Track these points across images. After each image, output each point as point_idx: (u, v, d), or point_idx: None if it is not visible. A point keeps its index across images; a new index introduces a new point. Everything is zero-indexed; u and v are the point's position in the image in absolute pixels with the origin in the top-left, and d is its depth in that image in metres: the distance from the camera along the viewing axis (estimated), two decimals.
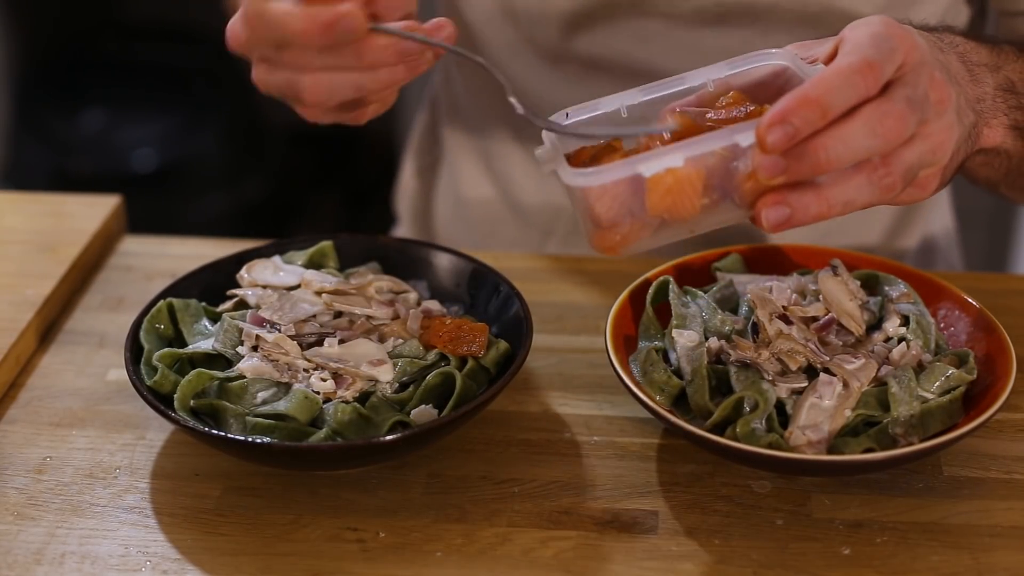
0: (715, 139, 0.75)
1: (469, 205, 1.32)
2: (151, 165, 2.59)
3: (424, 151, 1.42)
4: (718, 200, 0.77)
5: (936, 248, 1.32)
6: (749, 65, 0.82)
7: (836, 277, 0.91)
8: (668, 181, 0.75)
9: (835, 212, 0.75)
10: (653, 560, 0.80)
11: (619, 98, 0.83)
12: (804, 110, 0.72)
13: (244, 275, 0.96)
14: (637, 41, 1.15)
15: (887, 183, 0.75)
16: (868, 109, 0.73)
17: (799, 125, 0.72)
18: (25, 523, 0.83)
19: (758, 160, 0.73)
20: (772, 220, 0.75)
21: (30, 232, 1.13)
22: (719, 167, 0.76)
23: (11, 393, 0.95)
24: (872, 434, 0.83)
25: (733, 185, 0.76)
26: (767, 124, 0.72)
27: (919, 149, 0.76)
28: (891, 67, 0.74)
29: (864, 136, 0.73)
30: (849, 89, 0.73)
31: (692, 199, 0.76)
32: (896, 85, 0.75)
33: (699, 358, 0.86)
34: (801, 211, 0.74)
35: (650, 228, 0.78)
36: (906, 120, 0.74)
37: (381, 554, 0.81)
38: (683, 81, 0.82)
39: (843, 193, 0.75)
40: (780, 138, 0.72)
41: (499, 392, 0.85)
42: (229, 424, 0.85)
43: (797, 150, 0.73)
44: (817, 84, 0.72)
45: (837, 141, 0.73)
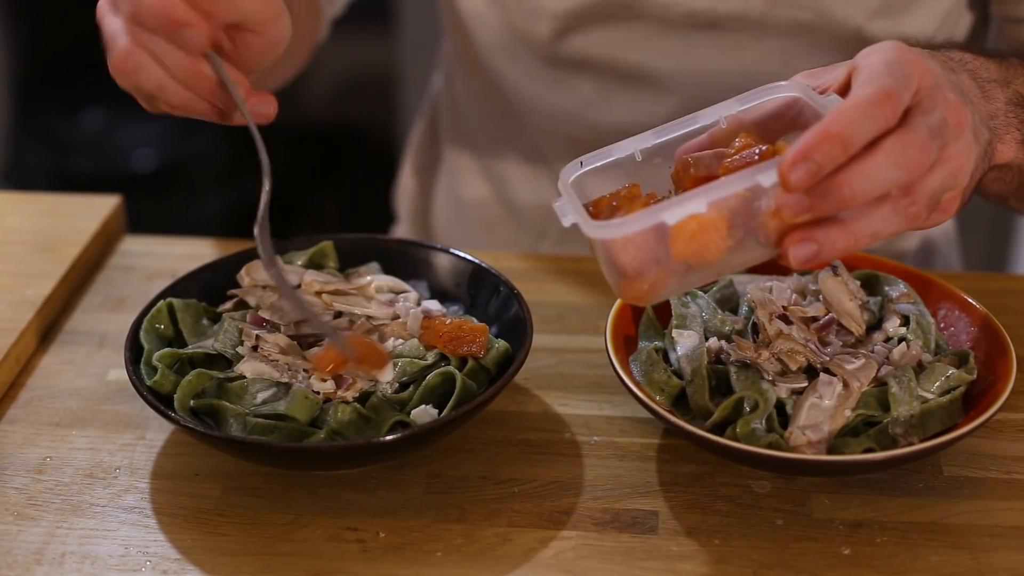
0: (737, 182, 0.75)
1: (466, 205, 1.32)
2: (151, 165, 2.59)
3: (424, 151, 1.43)
4: (743, 240, 0.76)
5: (935, 249, 1.32)
6: (760, 99, 0.81)
7: (836, 277, 0.91)
8: (692, 227, 0.75)
9: (863, 244, 0.74)
10: (653, 560, 0.80)
11: (632, 143, 0.82)
12: (826, 146, 0.71)
13: (244, 275, 0.96)
14: (630, 43, 1.15)
15: (912, 212, 0.75)
16: (890, 142, 0.73)
17: (821, 161, 0.71)
18: (25, 523, 0.83)
19: (782, 199, 0.73)
20: (800, 257, 0.74)
21: (30, 232, 1.13)
22: (742, 208, 0.75)
23: (11, 393, 0.95)
24: (872, 434, 0.83)
25: (757, 224, 0.75)
26: (790, 163, 0.71)
27: (941, 174, 0.76)
28: (908, 94, 0.74)
29: (888, 169, 0.72)
30: (869, 122, 0.72)
31: (717, 242, 0.76)
32: (914, 113, 0.74)
33: (699, 358, 0.86)
34: (828, 246, 0.74)
35: (677, 274, 0.77)
36: (928, 149, 0.73)
37: (381, 554, 0.81)
38: (695, 120, 0.82)
39: (869, 226, 0.74)
40: (803, 176, 0.71)
41: (499, 392, 0.85)
42: (229, 424, 0.85)
43: (821, 187, 0.72)
44: (837, 119, 0.72)
45: (861, 176, 0.72)
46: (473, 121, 1.31)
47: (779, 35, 1.11)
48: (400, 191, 1.46)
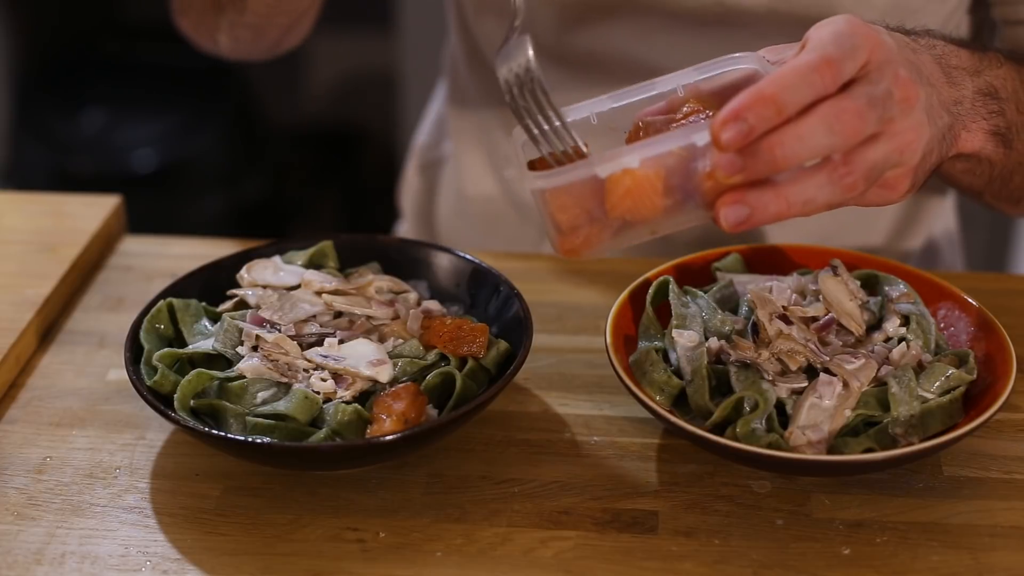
0: (671, 139, 0.75)
1: (471, 202, 1.32)
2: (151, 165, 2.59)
3: (429, 148, 1.43)
4: (680, 201, 0.77)
5: (939, 250, 1.32)
6: (719, 70, 0.81)
7: (836, 277, 0.91)
8: (627, 182, 0.75)
9: (795, 211, 0.74)
10: (653, 560, 0.80)
11: (589, 105, 0.82)
12: (759, 107, 0.71)
13: (244, 275, 0.96)
14: (636, 38, 1.15)
15: (848, 182, 0.75)
16: (825, 106, 0.72)
17: (753, 122, 0.71)
18: (25, 523, 0.83)
19: (715, 159, 0.73)
20: (731, 219, 0.74)
21: (30, 232, 1.13)
22: (678, 168, 0.76)
23: (11, 393, 0.95)
24: (872, 434, 0.83)
25: (694, 185, 0.76)
26: (721, 121, 0.71)
27: (884, 148, 0.75)
28: (852, 64, 0.73)
29: (821, 133, 0.72)
30: (805, 86, 0.72)
31: (652, 200, 0.76)
32: (857, 83, 0.74)
33: (699, 358, 0.86)
34: (760, 210, 0.74)
35: (611, 230, 0.77)
36: (864, 117, 0.73)
37: (381, 554, 0.81)
38: (653, 87, 0.82)
39: (802, 192, 0.74)
40: (734, 135, 0.71)
41: (499, 392, 0.85)
42: (229, 424, 0.85)
43: (753, 148, 0.72)
44: (773, 81, 0.72)
45: (793, 138, 0.72)
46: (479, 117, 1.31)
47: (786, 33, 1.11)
48: (404, 189, 1.46)
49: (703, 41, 1.13)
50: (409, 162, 1.46)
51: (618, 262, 1.11)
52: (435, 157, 1.42)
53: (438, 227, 1.39)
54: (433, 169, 1.42)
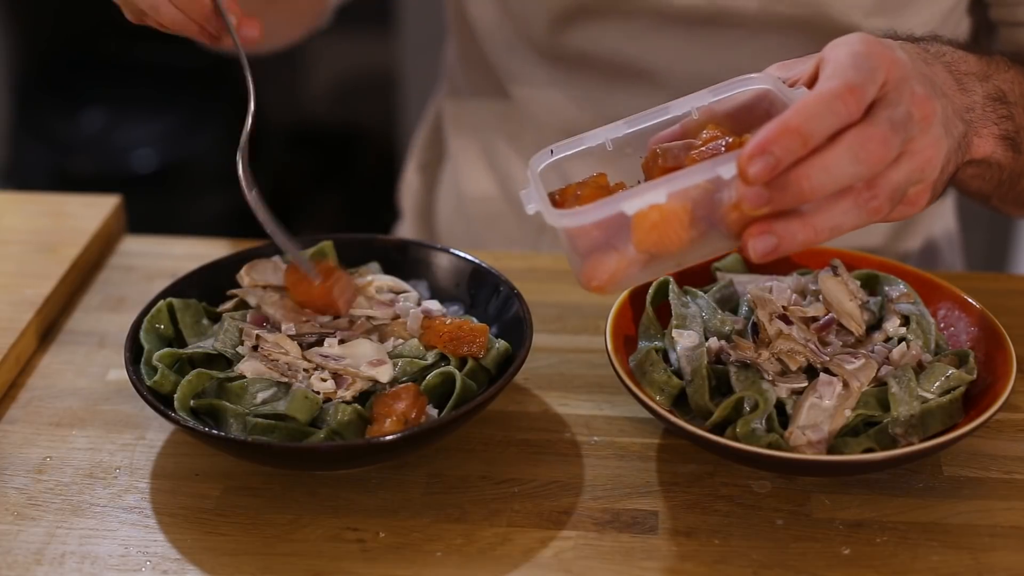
0: (697, 173, 0.75)
1: (469, 201, 1.32)
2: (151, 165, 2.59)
3: (428, 148, 1.43)
4: (705, 231, 0.76)
5: (938, 250, 1.32)
6: (732, 91, 0.81)
7: (836, 277, 0.91)
8: (653, 217, 0.75)
9: (823, 238, 0.74)
10: (653, 560, 0.80)
11: (604, 132, 0.82)
12: (785, 139, 0.71)
13: (244, 275, 0.96)
14: (628, 38, 1.15)
15: (874, 206, 0.75)
16: (850, 136, 0.72)
17: (780, 155, 0.71)
18: (25, 523, 0.83)
19: (741, 191, 0.73)
20: (759, 250, 0.74)
21: (30, 232, 1.13)
22: (703, 199, 0.75)
23: (11, 393, 0.95)
24: (872, 434, 0.83)
25: (719, 216, 0.75)
26: (748, 155, 0.71)
27: (906, 168, 0.75)
28: (873, 88, 0.73)
29: (847, 163, 0.72)
30: (830, 116, 0.72)
31: (679, 233, 0.76)
32: (878, 107, 0.74)
33: (699, 358, 0.86)
34: (788, 239, 0.74)
35: (638, 264, 0.77)
36: (889, 144, 0.73)
37: (381, 554, 0.81)
38: (667, 111, 0.82)
39: (830, 219, 0.74)
40: (761, 169, 0.71)
41: (499, 392, 0.85)
42: (229, 424, 0.85)
43: (780, 180, 0.72)
44: (798, 112, 0.71)
45: (820, 170, 0.72)
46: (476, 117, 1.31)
47: (776, 32, 1.11)
48: (404, 188, 1.46)
49: (695, 41, 1.13)
50: (409, 161, 1.47)
51: None
52: (434, 156, 1.42)
53: (437, 226, 1.39)
54: (432, 168, 1.42)
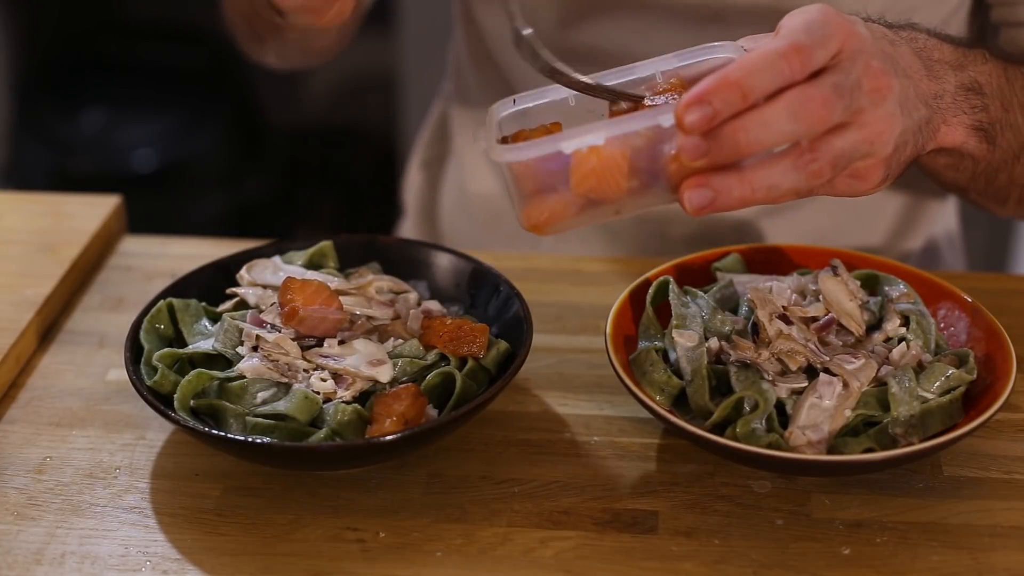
0: (637, 120, 0.76)
1: (473, 198, 1.33)
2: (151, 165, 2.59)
3: (432, 144, 1.43)
4: (646, 183, 0.77)
5: (940, 251, 1.32)
6: (698, 58, 0.82)
7: (836, 277, 0.91)
8: (592, 161, 0.76)
9: (759, 196, 0.74)
10: (653, 560, 0.80)
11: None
12: (724, 91, 0.71)
13: (244, 275, 0.96)
14: (637, 35, 1.15)
15: (813, 169, 0.74)
16: (791, 93, 0.72)
17: (718, 106, 0.71)
18: (25, 523, 0.83)
19: (680, 142, 0.73)
20: (695, 203, 0.74)
21: (30, 232, 1.13)
22: (645, 149, 0.76)
23: (11, 393, 0.95)
24: (872, 434, 0.83)
25: (660, 168, 0.76)
26: (685, 104, 0.71)
27: (852, 138, 0.75)
28: (823, 53, 0.73)
29: (785, 120, 0.72)
30: (772, 72, 0.72)
31: (617, 180, 0.76)
32: (827, 72, 0.74)
33: (699, 358, 0.86)
34: (724, 194, 0.74)
35: (576, 207, 0.78)
36: (830, 105, 0.73)
37: (381, 554, 0.81)
38: (632, 71, 0.82)
39: (767, 177, 0.74)
40: (698, 119, 0.71)
41: (499, 392, 0.85)
42: (229, 424, 0.85)
43: (717, 132, 0.72)
44: (739, 66, 0.72)
45: (756, 124, 0.72)
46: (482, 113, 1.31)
47: None
48: (408, 185, 1.46)
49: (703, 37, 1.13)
50: (412, 158, 1.47)
51: (618, 262, 1.11)
52: (438, 153, 1.42)
53: (440, 223, 1.39)
54: (436, 165, 1.42)
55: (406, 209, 1.46)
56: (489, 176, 1.31)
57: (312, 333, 0.89)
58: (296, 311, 0.88)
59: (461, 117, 1.34)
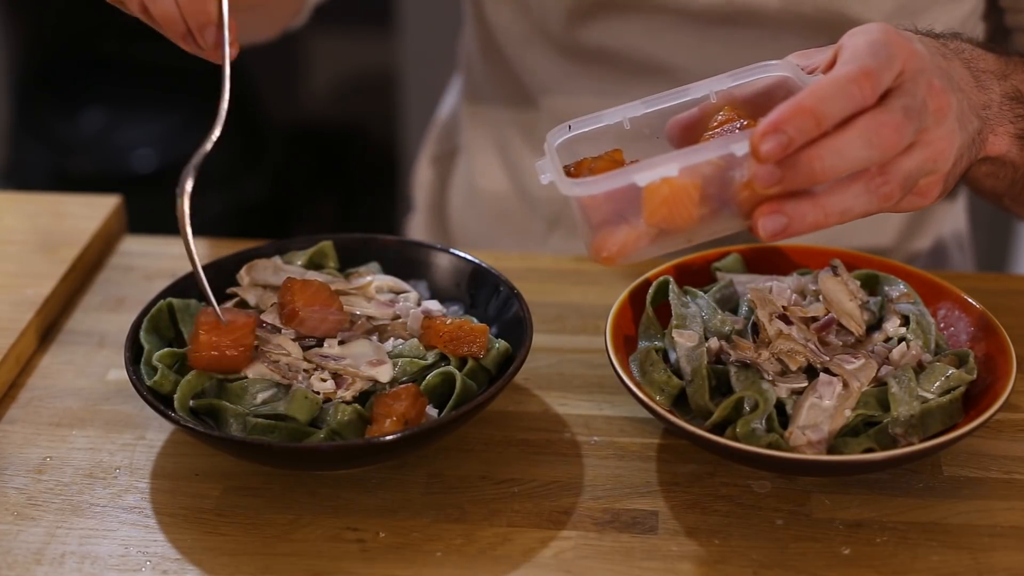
0: (710, 149, 0.75)
1: (482, 195, 1.33)
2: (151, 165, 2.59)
3: (442, 141, 1.43)
4: (716, 210, 0.77)
5: (948, 251, 1.31)
6: (751, 77, 0.82)
7: (836, 277, 0.91)
8: (664, 191, 0.76)
9: (832, 221, 0.75)
10: (653, 560, 0.80)
11: (622, 111, 0.82)
12: (798, 119, 0.71)
13: (244, 275, 0.96)
14: (646, 35, 1.15)
15: (885, 192, 0.75)
16: (864, 119, 0.73)
17: (793, 135, 0.71)
18: (25, 523, 0.83)
19: (753, 170, 0.73)
20: (769, 229, 0.74)
21: (30, 232, 1.13)
22: (715, 177, 0.76)
23: (11, 393, 0.95)
24: (872, 434, 0.83)
25: (730, 195, 0.76)
26: (761, 133, 0.72)
27: (918, 158, 0.76)
28: (889, 75, 0.74)
29: (859, 147, 0.73)
30: (845, 99, 0.72)
31: (689, 209, 0.76)
32: (894, 94, 0.74)
33: (699, 358, 0.86)
34: (798, 220, 0.74)
35: (648, 238, 0.77)
36: (902, 131, 0.74)
37: (381, 554, 0.81)
38: (686, 93, 0.82)
39: (840, 202, 0.75)
40: (774, 148, 0.71)
41: (499, 392, 0.85)
42: (229, 424, 0.85)
43: (791, 160, 0.72)
44: (812, 93, 0.72)
45: (831, 152, 0.72)
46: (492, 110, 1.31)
47: (795, 34, 1.11)
48: (417, 181, 1.46)
49: (713, 39, 1.13)
50: (421, 154, 1.47)
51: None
52: (448, 149, 1.42)
53: (449, 220, 1.39)
54: (445, 161, 1.42)
55: (415, 205, 1.46)
56: (498, 173, 1.31)
57: (312, 334, 0.89)
58: (296, 312, 0.88)
59: (471, 113, 1.34)
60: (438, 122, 1.45)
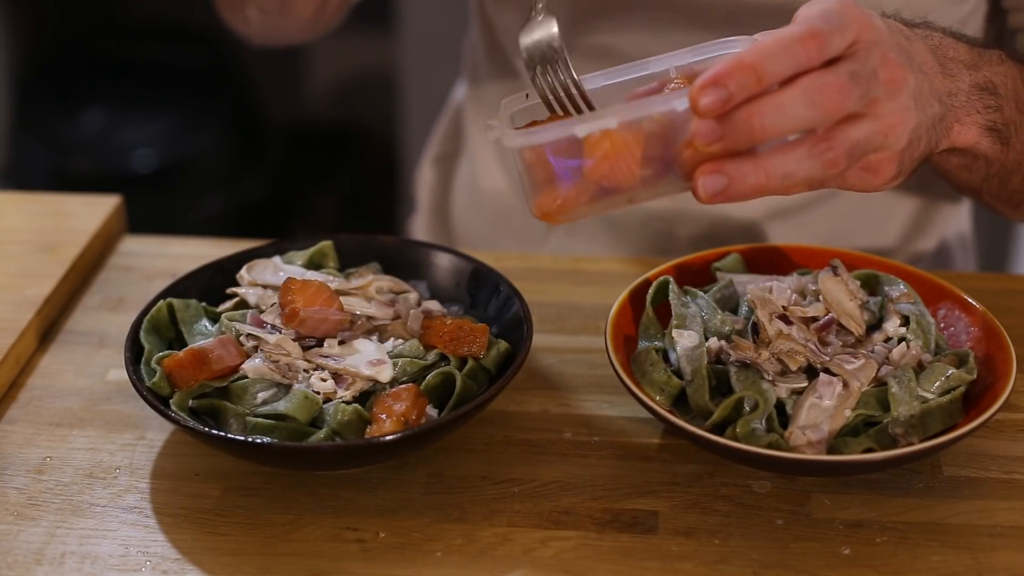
0: (652, 104, 0.75)
1: (484, 194, 1.33)
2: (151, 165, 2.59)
3: (446, 140, 1.43)
4: (659, 171, 0.77)
5: (952, 252, 1.31)
6: (713, 53, 0.81)
7: (836, 277, 0.91)
8: (605, 146, 0.75)
9: (774, 184, 0.74)
10: (653, 560, 0.80)
11: (582, 82, 0.82)
12: (739, 74, 0.70)
13: (244, 275, 0.96)
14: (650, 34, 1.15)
15: (829, 158, 0.74)
16: (807, 79, 0.72)
17: (733, 89, 0.70)
18: (25, 523, 0.83)
19: (695, 126, 0.72)
20: (709, 189, 0.73)
21: (30, 232, 1.13)
22: (658, 136, 0.75)
23: (11, 393, 0.95)
24: (872, 434, 0.83)
25: (673, 155, 0.76)
26: (700, 87, 0.71)
27: (867, 128, 0.75)
28: (839, 40, 0.73)
29: (801, 106, 0.72)
30: (788, 57, 0.71)
31: (630, 166, 0.76)
32: (843, 60, 0.73)
33: (699, 358, 0.86)
34: (738, 180, 0.73)
35: (588, 195, 0.77)
36: (847, 92, 0.73)
37: (381, 554, 0.81)
38: (647, 66, 0.82)
39: (782, 164, 0.73)
40: (713, 101, 0.71)
41: (499, 392, 0.85)
42: (229, 424, 0.85)
43: (732, 116, 0.71)
44: (754, 50, 0.71)
45: (772, 108, 0.71)
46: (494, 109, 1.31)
47: None
48: (420, 181, 1.46)
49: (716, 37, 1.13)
50: (425, 154, 1.47)
51: (618, 262, 1.11)
52: (451, 149, 1.42)
53: (452, 219, 1.39)
54: (449, 161, 1.42)
55: (418, 205, 1.47)
56: (500, 173, 1.31)
57: (313, 334, 0.89)
58: (297, 312, 0.88)
59: (475, 113, 1.34)
60: (441, 122, 1.45)
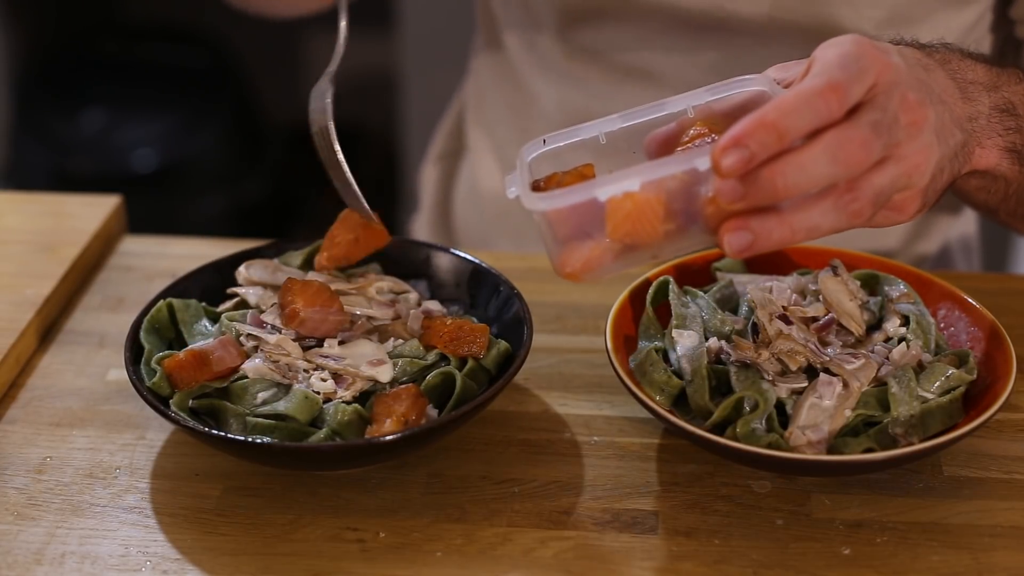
0: (673, 164, 0.74)
1: (483, 195, 1.33)
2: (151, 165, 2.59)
3: (448, 139, 1.44)
4: (683, 226, 0.76)
5: (954, 255, 1.31)
6: (729, 91, 0.81)
7: (836, 277, 0.91)
8: (627, 206, 0.75)
9: (800, 237, 0.73)
10: (653, 560, 0.80)
11: (598, 125, 0.82)
12: (760, 133, 0.70)
13: (244, 275, 0.96)
14: (638, 40, 1.15)
15: (854, 209, 0.73)
16: (829, 135, 0.71)
17: (755, 149, 0.70)
18: (25, 523, 0.83)
19: (717, 185, 0.72)
20: (735, 246, 0.73)
21: (30, 232, 1.13)
22: (681, 192, 0.75)
23: (11, 393, 0.95)
24: (872, 434, 0.83)
25: (696, 210, 0.75)
26: (722, 148, 0.70)
27: (891, 173, 0.74)
28: (860, 88, 0.72)
29: (824, 163, 0.71)
30: (809, 112, 0.70)
31: (653, 224, 0.75)
32: (864, 108, 0.73)
33: (699, 358, 0.86)
34: (764, 236, 0.73)
35: (612, 254, 0.77)
36: (870, 147, 0.72)
37: (381, 554, 0.81)
38: (663, 107, 0.81)
39: (807, 219, 0.73)
40: (735, 162, 0.70)
41: (499, 392, 0.85)
42: (229, 424, 0.85)
43: (754, 175, 0.71)
44: (775, 107, 0.70)
45: (794, 168, 0.71)
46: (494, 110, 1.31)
47: (785, 42, 1.10)
48: (423, 180, 1.46)
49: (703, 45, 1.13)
50: (428, 153, 1.47)
51: None
52: (453, 149, 1.42)
53: (454, 219, 1.40)
54: (451, 161, 1.42)
55: (420, 204, 1.47)
56: (499, 174, 1.32)
57: (313, 334, 0.89)
58: (297, 313, 0.88)
59: (476, 112, 1.34)
60: (445, 121, 1.46)
